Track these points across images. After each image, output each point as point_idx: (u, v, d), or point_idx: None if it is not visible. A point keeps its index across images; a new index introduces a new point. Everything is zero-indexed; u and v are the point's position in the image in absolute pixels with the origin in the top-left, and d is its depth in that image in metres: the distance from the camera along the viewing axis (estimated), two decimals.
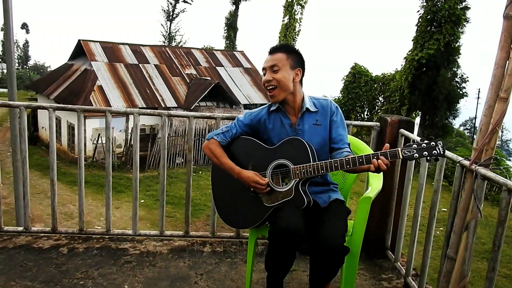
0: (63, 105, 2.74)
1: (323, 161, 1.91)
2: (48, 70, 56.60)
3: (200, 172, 17.38)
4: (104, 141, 17.80)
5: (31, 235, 2.81)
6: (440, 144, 1.76)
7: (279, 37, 28.77)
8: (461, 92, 21.36)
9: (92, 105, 17.38)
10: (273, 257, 1.96)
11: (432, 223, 2.27)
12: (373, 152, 1.83)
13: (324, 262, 1.88)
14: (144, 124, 18.97)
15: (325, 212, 2.00)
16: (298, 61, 2.06)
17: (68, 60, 21.39)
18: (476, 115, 41.71)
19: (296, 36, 28.96)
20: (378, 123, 2.79)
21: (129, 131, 18.18)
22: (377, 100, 26.18)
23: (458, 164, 2.00)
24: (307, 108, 2.07)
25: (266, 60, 2.08)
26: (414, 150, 1.77)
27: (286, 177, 2.00)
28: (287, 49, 2.07)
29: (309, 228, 1.95)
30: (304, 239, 1.88)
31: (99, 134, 17.55)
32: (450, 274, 2.01)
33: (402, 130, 2.67)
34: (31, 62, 56.13)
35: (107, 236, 2.89)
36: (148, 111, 2.79)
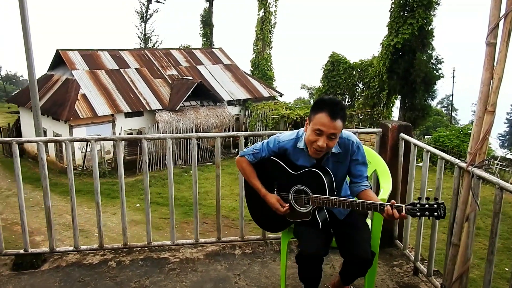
0: (103, 137, 3.03)
1: (337, 198, 2.23)
2: (21, 79, 55.47)
3: (191, 172, 17.62)
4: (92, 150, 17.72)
5: (79, 253, 3.11)
6: (442, 207, 1.98)
7: (256, 31, 29.00)
8: (437, 73, 22.05)
9: (78, 114, 17.44)
10: (303, 274, 2.34)
11: None
12: (380, 202, 2.13)
13: (357, 269, 2.28)
14: (131, 128, 19.11)
15: (348, 226, 2.36)
16: None
17: (47, 71, 21.23)
18: (452, 93, 42.87)
19: (272, 29, 29.25)
20: (380, 129, 3.17)
21: None
22: (357, 87, 26.79)
23: (456, 166, 2.39)
24: (332, 152, 2.29)
25: (325, 123, 2.11)
26: (417, 209, 2.01)
27: (306, 201, 2.33)
28: (344, 116, 2.17)
29: (336, 237, 2.35)
30: (324, 257, 2.25)
31: (87, 143, 17.61)
32: (455, 258, 2.41)
33: (402, 134, 3.06)
34: (2, 72, 54.85)
35: (147, 248, 3.20)
36: (179, 135, 3.09)
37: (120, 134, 18.32)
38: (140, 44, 36.73)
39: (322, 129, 2.12)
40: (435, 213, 1.98)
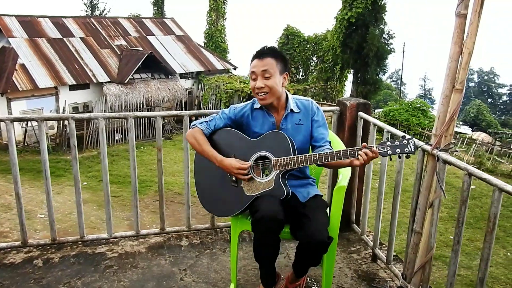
0: (85, 114, 2.59)
1: (303, 155, 2.03)
2: None
3: (142, 148, 17.01)
4: (34, 124, 16.86)
5: None
6: (412, 142, 1.95)
7: (209, 1, 28.00)
8: (388, 48, 22.34)
9: (16, 86, 16.18)
10: (260, 245, 2.05)
11: (397, 201, 2.49)
12: (350, 148, 1.97)
13: (311, 254, 2.03)
14: (76, 102, 18.04)
15: (308, 208, 2.12)
16: (285, 65, 2.13)
17: None
18: (402, 68, 43.97)
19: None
20: (338, 107, 2.94)
21: (61, 111, 17.22)
22: (311, 60, 26.74)
23: (419, 149, 2.20)
24: (291, 109, 2.17)
25: (254, 65, 2.09)
26: (388, 147, 1.95)
27: (267, 168, 2.11)
28: (275, 54, 2.10)
29: (293, 222, 2.09)
30: (283, 224, 2.00)
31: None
32: (417, 247, 2.25)
33: (360, 113, 2.84)
34: None
35: (80, 242, 2.85)
36: (113, 114, 2.70)
37: (64, 108, 17.26)
38: (86, 11, 34.61)
39: (253, 70, 2.10)
40: (406, 149, 1.95)
